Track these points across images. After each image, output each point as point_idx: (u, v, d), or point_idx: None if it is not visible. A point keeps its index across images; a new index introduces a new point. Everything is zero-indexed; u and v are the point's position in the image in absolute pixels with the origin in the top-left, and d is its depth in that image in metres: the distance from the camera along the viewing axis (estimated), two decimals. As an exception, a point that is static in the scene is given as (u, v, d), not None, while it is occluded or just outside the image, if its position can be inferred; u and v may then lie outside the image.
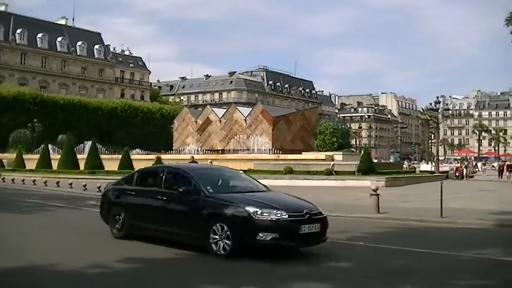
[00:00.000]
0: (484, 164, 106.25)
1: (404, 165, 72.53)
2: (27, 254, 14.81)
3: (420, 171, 67.90)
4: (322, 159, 55.84)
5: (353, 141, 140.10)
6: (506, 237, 20.23)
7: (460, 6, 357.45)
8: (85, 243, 17.05)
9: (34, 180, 49.30)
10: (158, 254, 15.14)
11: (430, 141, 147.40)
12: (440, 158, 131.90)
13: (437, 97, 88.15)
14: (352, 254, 16.30)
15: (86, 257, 14.25)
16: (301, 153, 59.77)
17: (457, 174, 64.69)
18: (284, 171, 51.14)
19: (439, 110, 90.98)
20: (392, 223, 23.23)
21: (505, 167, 62.65)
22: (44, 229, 20.49)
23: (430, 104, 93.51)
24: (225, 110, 77.61)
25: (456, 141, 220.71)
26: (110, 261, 13.76)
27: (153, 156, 60.61)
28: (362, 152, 59.28)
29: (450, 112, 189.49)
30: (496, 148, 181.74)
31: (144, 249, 15.78)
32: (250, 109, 75.39)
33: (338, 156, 58.08)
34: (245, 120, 70.41)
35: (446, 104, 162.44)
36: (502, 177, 60.47)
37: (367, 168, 49.66)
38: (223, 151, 68.38)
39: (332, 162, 52.06)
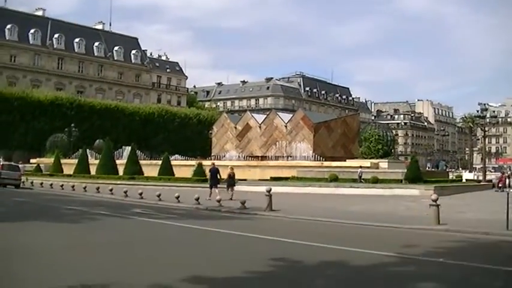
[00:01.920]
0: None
1: (450, 174, 71.21)
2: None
3: (466, 179, 66.19)
4: (368, 167, 54.56)
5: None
6: None
7: (490, 15, 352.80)
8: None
9: (73, 186, 48.68)
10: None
11: (472, 149, 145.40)
12: (478, 167, 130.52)
13: (480, 103, 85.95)
14: (443, 273, 14.68)
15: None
16: (342, 160, 58.50)
17: (500, 184, 56.65)
18: (329, 179, 49.99)
19: (487, 117, 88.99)
20: (457, 236, 21.93)
21: None
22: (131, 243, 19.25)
23: (469, 112, 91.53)
24: (265, 116, 76.42)
25: (493, 150, 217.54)
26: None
27: (193, 162, 59.71)
28: (408, 159, 57.76)
29: (488, 120, 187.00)
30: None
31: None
32: (291, 115, 74.28)
33: (383, 163, 56.81)
34: (286, 126, 69.28)
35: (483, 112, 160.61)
36: None
37: (414, 177, 48.36)
38: (263, 157, 67.31)
39: (360, 170, 50.77)
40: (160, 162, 60.76)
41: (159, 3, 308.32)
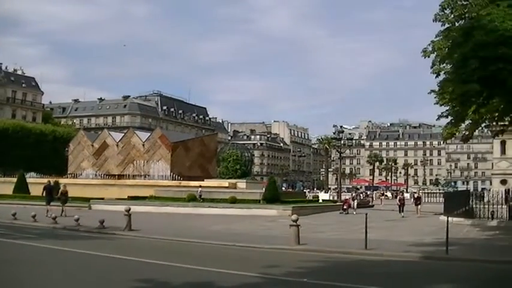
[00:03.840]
0: (382, 194, 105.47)
1: (307, 194, 72.28)
2: None
3: (323, 200, 67.37)
4: (226, 187, 54.83)
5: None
6: (441, 270, 19.40)
7: (350, 39, 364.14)
8: None
9: None
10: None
11: (327, 170, 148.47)
12: (333, 187, 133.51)
13: (336, 126, 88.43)
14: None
15: None
16: (200, 180, 58.46)
17: (344, 207, 54.80)
18: (187, 199, 49.84)
19: (342, 140, 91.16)
20: (317, 255, 22.22)
21: (411, 200, 58.49)
22: None
23: (325, 134, 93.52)
24: (123, 134, 75.50)
25: (348, 171, 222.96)
26: None
27: (45, 180, 58.10)
28: (265, 179, 58.44)
29: (342, 142, 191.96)
30: (388, 178, 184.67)
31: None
32: (149, 134, 73.77)
33: (241, 184, 57.29)
34: (143, 145, 68.81)
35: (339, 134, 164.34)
36: (403, 211, 51.68)
37: (272, 197, 48.95)
38: (120, 176, 66.50)
39: (199, 189, 51.23)
40: (15, 179, 58.97)
41: (17, 15, 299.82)
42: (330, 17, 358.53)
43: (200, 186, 52.50)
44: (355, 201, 59.90)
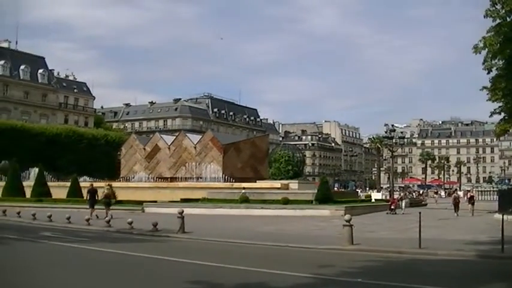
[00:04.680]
0: (436, 192, 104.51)
1: (359, 194, 72.02)
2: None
3: (375, 199, 66.98)
4: (278, 188, 54.84)
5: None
6: (496, 270, 19.16)
7: (398, 36, 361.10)
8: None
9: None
10: None
11: (379, 169, 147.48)
12: (385, 186, 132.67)
13: (387, 124, 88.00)
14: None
15: None
16: (252, 181, 58.63)
17: (392, 207, 53.66)
18: (240, 200, 49.94)
19: (393, 139, 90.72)
20: (370, 255, 22.07)
21: (464, 198, 57.91)
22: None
23: (376, 133, 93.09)
24: (174, 137, 75.99)
25: (399, 170, 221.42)
26: None
27: (102, 184, 58.63)
28: (316, 180, 58.38)
29: (394, 140, 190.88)
30: (441, 176, 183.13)
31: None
32: (200, 136, 74.13)
33: (293, 184, 57.29)
34: (195, 147, 69.13)
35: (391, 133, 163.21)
36: (457, 210, 50.52)
37: (325, 197, 48.81)
38: (172, 179, 66.95)
39: (243, 190, 51.29)
40: (68, 183, 59.62)
41: (67, 21, 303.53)
42: (377, 14, 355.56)
43: (244, 188, 52.60)
44: (403, 201, 58.30)
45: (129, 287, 15.24)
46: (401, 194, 70.46)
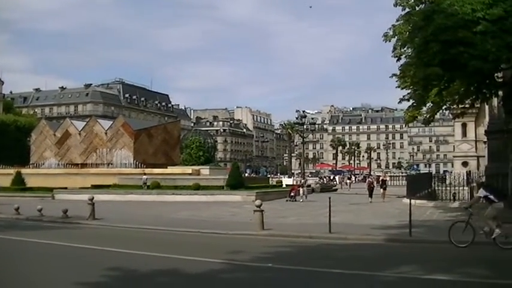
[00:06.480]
0: (349, 178, 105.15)
1: (270, 180, 72.29)
2: None
3: (286, 185, 67.36)
4: (189, 174, 54.79)
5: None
6: (406, 253, 19.55)
7: (313, 24, 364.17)
8: None
9: None
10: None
11: (291, 155, 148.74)
12: (296, 172, 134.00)
13: (298, 111, 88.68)
14: (274, 277, 14.90)
15: None
16: (164, 167, 58.50)
17: (292, 194, 50.51)
18: (151, 186, 49.75)
19: (305, 125, 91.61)
20: (281, 240, 22.29)
21: (375, 184, 56.76)
22: None
23: (288, 119, 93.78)
24: (85, 122, 75.01)
25: (311, 155, 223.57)
26: None
27: (11, 171, 57.53)
28: (228, 166, 58.56)
29: (305, 126, 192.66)
30: (351, 162, 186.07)
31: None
32: (111, 122, 73.40)
33: (205, 170, 57.32)
34: (106, 133, 68.55)
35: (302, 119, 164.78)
36: (372, 197, 49.50)
37: (236, 183, 49.08)
38: (83, 165, 66.22)
39: (144, 176, 51.30)
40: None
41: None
42: (293, 2, 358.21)
43: (144, 174, 52.60)
44: (304, 188, 54.47)
45: (44, 274, 14.93)
46: (302, 181, 67.59)
